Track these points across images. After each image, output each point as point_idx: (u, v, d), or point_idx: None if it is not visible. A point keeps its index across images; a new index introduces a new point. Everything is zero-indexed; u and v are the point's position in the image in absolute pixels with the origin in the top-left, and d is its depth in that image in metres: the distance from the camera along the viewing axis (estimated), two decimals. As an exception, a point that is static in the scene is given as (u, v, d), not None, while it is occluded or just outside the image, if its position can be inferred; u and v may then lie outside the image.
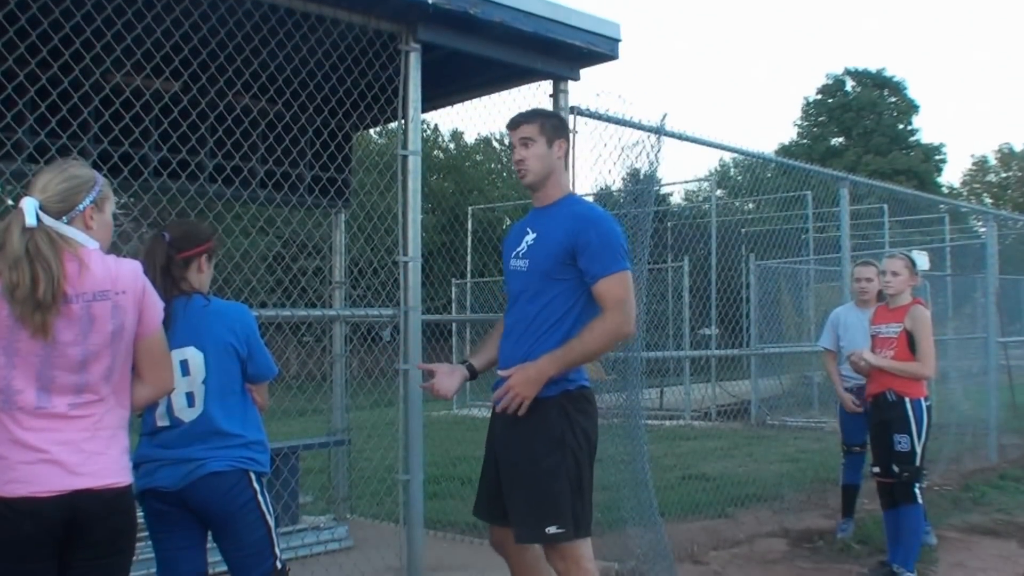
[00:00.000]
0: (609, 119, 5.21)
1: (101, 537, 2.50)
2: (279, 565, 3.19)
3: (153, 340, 2.63)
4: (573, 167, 5.15)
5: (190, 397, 3.06)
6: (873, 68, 43.95)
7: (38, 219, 2.43)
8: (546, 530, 3.20)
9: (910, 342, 5.21)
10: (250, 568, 3.14)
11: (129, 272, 2.55)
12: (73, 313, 2.43)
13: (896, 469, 5.20)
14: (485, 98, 5.72)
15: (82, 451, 2.47)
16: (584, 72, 5.12)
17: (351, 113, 4.95)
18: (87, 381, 2.47)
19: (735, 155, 38.39)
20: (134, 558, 2.73)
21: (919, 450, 5.18)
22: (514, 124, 3.49)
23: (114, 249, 2.68)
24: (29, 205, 2.44)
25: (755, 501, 7.54)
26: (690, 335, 15.45)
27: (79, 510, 2.44)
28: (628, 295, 3.25)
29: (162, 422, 3.07)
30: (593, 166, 5.33)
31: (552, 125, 3.50)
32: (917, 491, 5.18)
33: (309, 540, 5.80)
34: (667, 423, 13.71)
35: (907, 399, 5.18)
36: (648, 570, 5.02)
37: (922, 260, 8.19)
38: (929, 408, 5.29)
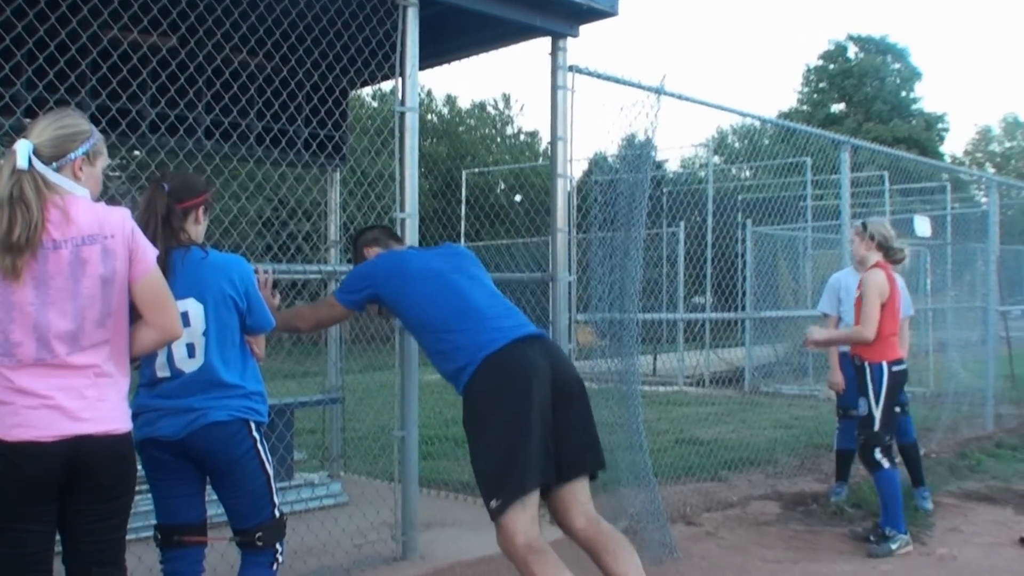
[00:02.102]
0: (608, 78, 5.17)
1: (102, 482, 2.53)
2: (277, 514, 3.22)
3: (150, 281, 2.62)
4: (571, 128, 5.13)
5: (191, 348, 3.07)
6: (876, 34, 43.74)
7: (30, 163, 2.43)
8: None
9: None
10: (249, 516, 3.16)
11: (117, 217, 2.56)
12: (63, 258, 2.43)
13: (856, 433, 5.29)
14: (484, 55, 5.67)
15: (84, 397, 2.50)
16: (583, 29, 5.07)
17: (348, 69, 4.91)
18: (83, 328, 2.48)
19: (733, 123, 38.13)
20: (133, 510, 2.76)
21: (877, 415, 5.18)
22: None
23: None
24: (23, 148, 2.45)
25: (748, 465, 7.58)
26: (684, 303, 15.45)
27: (80, 455, 2.47)
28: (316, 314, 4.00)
29: (162, 372, 3.08)
30: (590, 126, 5.31)
31: (358, 251, 4.12)
32: (878, 456, 5.19)
33: (304, 495, 5.83)
34: (660, 389, 13.74)
35: (867, 363, 5.23)
36: (641, 528, 5.06)
37: (922, 226, 8.20)
38: (897, 372, 5.28)
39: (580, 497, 3.43)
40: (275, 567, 3.22)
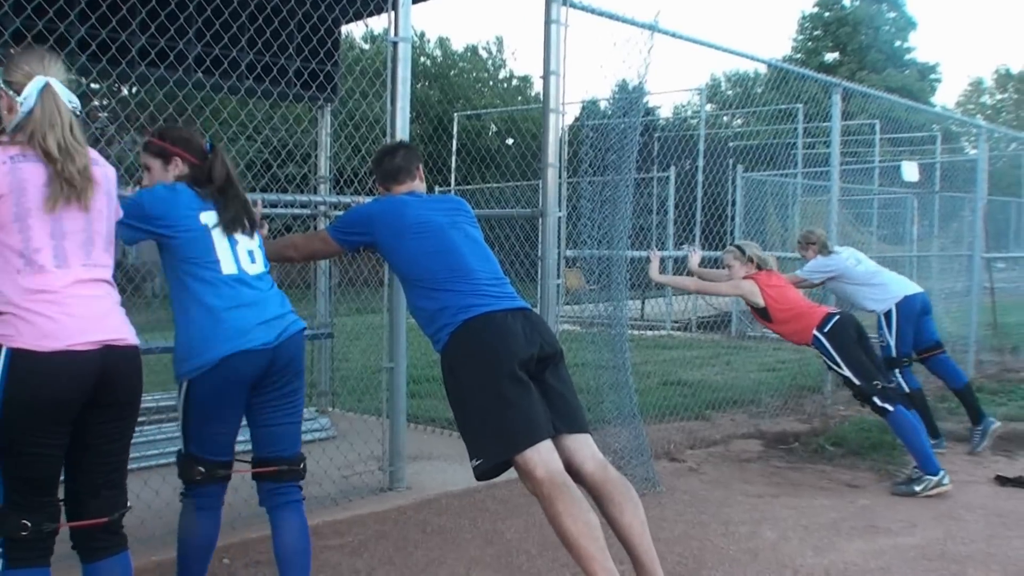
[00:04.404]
0: (602, 13, 5.12)
1: (121, 397, 2.56)
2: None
3: None
4: (563, 62, 5.10)
5: (252, 254, 3.13)
6: (872, -18, 43.35)
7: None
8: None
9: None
10: (296, 438, 3.25)
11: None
12: None
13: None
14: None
15: (104, 306, 2.54)
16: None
17: (340, -1, 4.86)
18: (93, 241, 2.54)
19: (726, 69, 37.82)
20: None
21: (849, 373, 5.38)
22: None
23: (101, 154, 2.73)
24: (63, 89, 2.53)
25: (732, 406, 7.69)
26: (673, 248, 15.47)
27: (108, 364, 2.48)
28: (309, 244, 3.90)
29: (231, 271, 3.06)
30: (583, 65, 5.28)
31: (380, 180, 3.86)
32: (879, 403, 5.31)
33: (292, 429, 5.87)
34: (648, 333, 13.84)
35: (810, 345, 5.61)
36: (625, 464, 5.13)
37: (910, 171, 8.23)
38: (831, 330, 5.46)
39: (587, 442, 3.37)
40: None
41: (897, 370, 6.20)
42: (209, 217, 3.04)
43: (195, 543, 3.11)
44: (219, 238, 3.03)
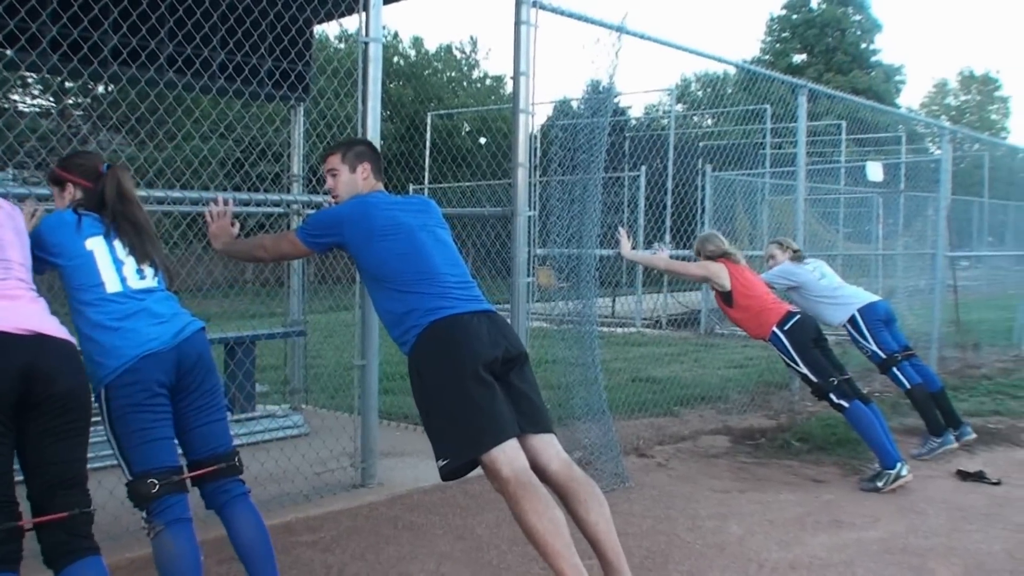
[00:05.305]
0: (571, 14, 5.19)
1: (61, 389, 2.56)
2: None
3: None
4: (533, 63, 5.16)
5: (140, 271, 3.12)
6: (838, -16, 43.78)
7: None
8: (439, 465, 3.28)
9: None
10: (226, 434, 3.18)
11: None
12: None
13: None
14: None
15: (33, 307, 2.65)
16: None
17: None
18: (9, 258, 2.70)
19: (696, 69, 38.09)
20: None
21: (806, 370, 5.53)
22: (321, 158, 3.88)
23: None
24: None
25: (700, 402, 7.79)
26: (643, 247, 15.59)
27: (40, 354, 2.53)
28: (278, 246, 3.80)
29: (116, 289, 3.05)
30: (553, 66, 5.33)
31: (354, 153, 3.78)
32: (835, 399, 5.44)
33: (266, 426, 5.91)
34: (618, 330, 13.94)
35: (768, 340, 5.74)
36: (595, 459, 5.20)
37: (874, 171, 8.37)
38: (789, 329, 5.60)
39: (552, 441, 3.40)
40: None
41: (894, 368, 6.20)
42: (95, 243, 3.06)
43: (178, 569, 2.89)
44: (103, 260, 3.05)
